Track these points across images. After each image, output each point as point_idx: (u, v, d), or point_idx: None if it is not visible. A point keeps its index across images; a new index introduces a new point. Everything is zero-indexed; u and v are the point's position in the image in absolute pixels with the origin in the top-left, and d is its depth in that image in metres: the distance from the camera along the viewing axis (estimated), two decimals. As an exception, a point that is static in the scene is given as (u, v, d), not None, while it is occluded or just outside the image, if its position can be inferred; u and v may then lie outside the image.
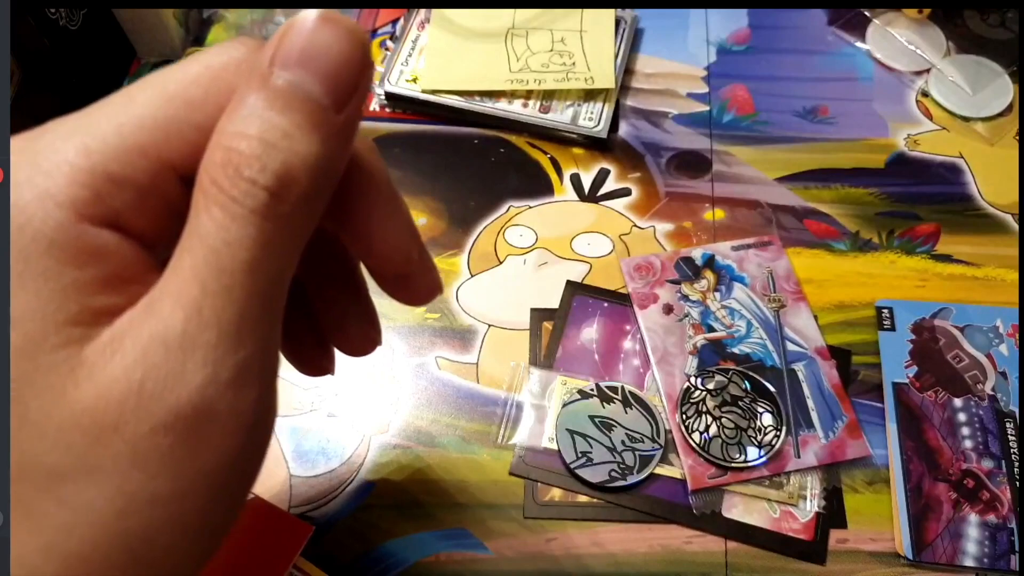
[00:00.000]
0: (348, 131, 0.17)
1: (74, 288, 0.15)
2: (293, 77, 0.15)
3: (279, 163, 0.15)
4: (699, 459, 0.35)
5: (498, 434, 0.37)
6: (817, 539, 0.34)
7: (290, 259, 0.17)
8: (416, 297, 0.22)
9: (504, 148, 0.46)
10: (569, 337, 0.39)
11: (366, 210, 0.19)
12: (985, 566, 0.33)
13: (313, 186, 0.16)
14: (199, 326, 0.15)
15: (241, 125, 0.15)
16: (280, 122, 0.15)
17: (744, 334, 0.39)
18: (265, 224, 0.15)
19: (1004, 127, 0.46)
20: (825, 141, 0.46)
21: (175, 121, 0.16)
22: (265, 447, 0.18)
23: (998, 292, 0.41)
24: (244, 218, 0.15)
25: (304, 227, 0.16)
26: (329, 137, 0.16)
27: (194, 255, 0.15)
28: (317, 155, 0.16)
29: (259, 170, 0.15)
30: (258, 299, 0.16)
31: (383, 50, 0.50)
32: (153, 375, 0.15)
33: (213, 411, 0.15)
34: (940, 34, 0.49)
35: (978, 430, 0.36)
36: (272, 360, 0.17)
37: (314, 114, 0.16)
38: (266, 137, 0.15)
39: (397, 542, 0.35)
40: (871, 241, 0.42)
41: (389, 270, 0.21)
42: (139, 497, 0.15)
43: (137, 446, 0.15)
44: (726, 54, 0.50)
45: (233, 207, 0.15)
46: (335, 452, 0.37)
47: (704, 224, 0.43)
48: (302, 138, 0.15)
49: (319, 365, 0.25)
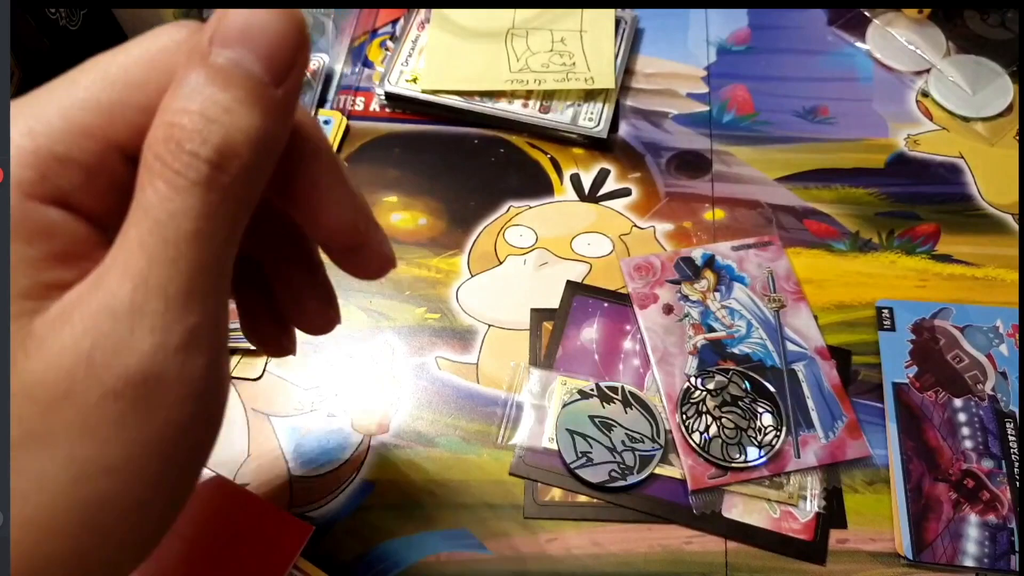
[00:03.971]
0: (287, 105, 0.17)
1: (24, 264, 0.16)
2: (232, 55, 0.16)
3: (220, 136, 0.16)
4: (699, 459, 0.35)
5: (498, 434, 0.37)
6: (817, 539, 0.34)
7: (234, 229, 0.17)
8: (368, 270, 0.23)
9: (504, 148, 0.46)
10: (569, 337, 0.39)
11: (310, 183, 0.20)
12: (985, 566, 0.33)
13: (254, 158, 0.16)
14: (146, 295, 0.15)
15: (183, 102, 0.16)
16: (221, 98, 0.16)
17: (744, 334, 0.39)
18: (208, 195, 0.16)
19: (1004, 127, 0.46)
20: (825, 141, 0.46)
21: (118, 102, 0.17)
22: (218, 417, 0.18)
23: (998, 292, 0.41)
24: (187, 190, 0.16)
25: (247, 198, 0.17)
26: (269, 111, 0.16)
27: (140, 228, 0.16)
28: (257, 128, 0.16)
29: (200, 143, 0.15)
30: (204, 268, 0.16)
31: (383, 50, 0.50)
32: (102, 344, 0.15)
33: (163, 377, 0.16)
34: (940, 34, 0.49)
35: (978, 430, 0.36)
36: (221, 329, 0.18)
37: (253, 89, 0.16)
38: (207, 112, 0.16)
39: (397, 542, 0.35)
40: (871, 241, 0.42)
41: (338, 243, 0.21)
42: (92, 464, 0.15)
43: (88, 414, 0.15)
44: (726, 54, 0.50)
45: (176, 180, 0.15)
46: (335, 452, 0.37)
47: (704, 224, 0.43)
48: (242, 112, 0.16)
49: (279, 344, 0.26)
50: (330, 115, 0.46)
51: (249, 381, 0.38)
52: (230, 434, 0.37)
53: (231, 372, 0.38)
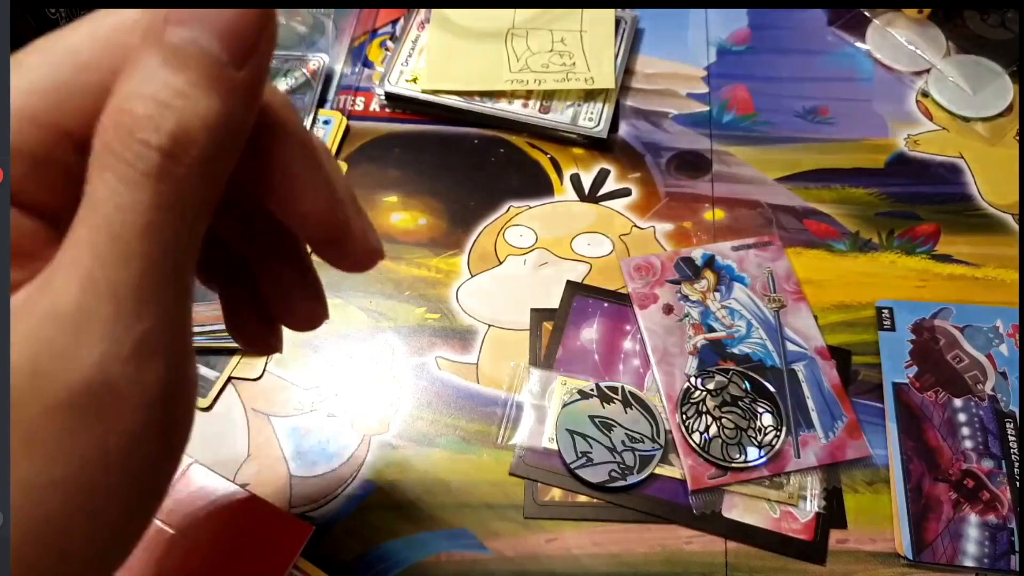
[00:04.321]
0: (251, 88, 0.16)
1: None
2: (188, 33, 0.15)
3: (173, 123, 0.14)
4: (699, 459, 0.35)
5: (498, 434, 0.37)
6: (817, 539, 0.34)
7: (193, 223, 0.16)
8: (353, 262, 0.21)
9: (504, 148, 0.46)
10: (569, 337, 0.39)
11: (282, 170, 0.18)
12: (985, 566, 0.33)
13: (213, 146, 0.15)
14: (95, 298, 0.14)
15: (134, 85, 0.15)
16: (175, 81, 0.15)
17: (744, 334, 0.39)
18: (160, 187, 0.15)
19: (1004, 127, 0.46)
20: (825, 141, 0.46)
21: (66, 85, 0.16)
22: (181, 425, 0.17)
23: (998, 292, 0.41)
24: (137, 182, 0.14)
25: (207, 189, 0.16)
26: (229, 94, 0.15)
27: (88, 224, 0.15)
28: (216, 113, 0.15)
29: (152, 131, 0.14)
30: (158, 267, 0.15)
31: (383, 50, 0.50)
32: (46, 352, 0.14)
33: (113, 388, 0.15)
34: (940, 34, 0.49)
35: (978, 430, 0.36)
36: (181, 331, 0.16)
37: (212, 71, 0.15)
38: (160, 97, 0.14)
39: (397, 542, 0.35)
40: (871, 241, 0.42)
41: (315, 233, 0.20)
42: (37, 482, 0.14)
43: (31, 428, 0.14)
44: (726, 54, 0.50)
45: (126, 171, 0.14)
46: (335, 452, 0.37)
47: (704, 224, 0.43)
48: (199, 96, 0.15)
49: (264, 342, 0.24)
50: (330, 115, 0.46)
51: (249, 381, 0.38)
52: (230, 434, 0.37)
53: (232, 373, 0.38)
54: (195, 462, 0.35)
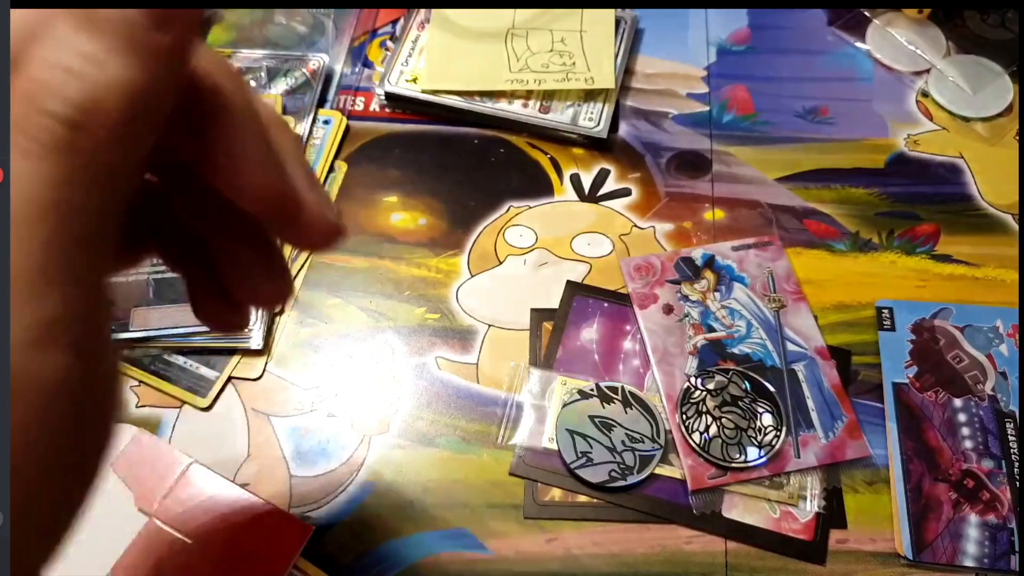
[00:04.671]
0: (176, 52, 0.15)
1: None
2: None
3: (81, 92, 0.14)
4: (699, 459, 0.35)
5: (498, 434, 0.37)
6: (817, 539, 0.34)
7: (106, 199, 0.15)
8: (309, 240, 0.20)
9: (504, 148, 0.46)
10: (569, 337, 0.39)
11: (224, 147, 0.17)
12: (985, 566, 0.33)
13: (127, 115, 0.14)
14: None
15: (45, 53, 0.14)
16: (87, 46, 0.14)
17: (744, 334, 0.39)
18: (65, 160, 0.14)
19: (1004, 127, 0.46)
20: (825, 141, 0.46)
21: None
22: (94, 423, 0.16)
23: (998, 292, 0.41)
24: (39, 156, 0.13)
25: (119, 162, 0.15)
26: (149, 60, 0.14)
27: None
28: (132, 80, 0.14)
29: (58, 101, 0.13)
30: (63, 249, 0.14)
31: (383, 50, 0.50)
32: None
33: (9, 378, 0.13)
34: (940, 34, 0.49)
35: (978, 430, 0.36)
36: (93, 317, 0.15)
37: (128, 34, 0.14)
38: (71, 64, 0.14)
39: (397, 542, 0.35)
40: (871, 241, 0.42)
41: (264, 211, 0.18)
42: None
43: None
44: (726, 54, 0.50)
45: (28, 145, 0.13)
46: (335, 452, 0.37)
47: (704, 224, 0.43)
48: (113, 62, 0.14)
49: (227, 320, 0.23)
50: (330, 115, 0.46)
51: (249, 381, 0.38)
52: (230, 434, 0.37)
53: (232, 373, 0.38)
54: (195, 462, 0.35)
